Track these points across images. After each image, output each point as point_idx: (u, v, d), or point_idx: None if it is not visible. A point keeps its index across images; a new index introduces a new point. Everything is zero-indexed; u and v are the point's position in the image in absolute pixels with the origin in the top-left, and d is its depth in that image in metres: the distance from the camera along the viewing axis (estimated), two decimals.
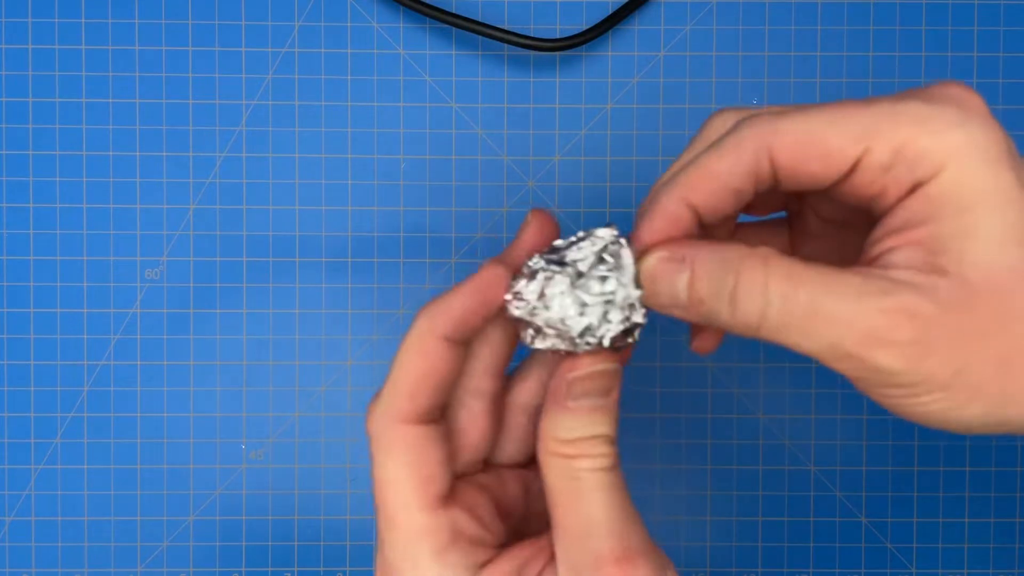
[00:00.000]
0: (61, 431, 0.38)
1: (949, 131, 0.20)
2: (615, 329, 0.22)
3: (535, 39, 0.37)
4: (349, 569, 0.39)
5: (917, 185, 0.20)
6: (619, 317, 0.22)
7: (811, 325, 0.20)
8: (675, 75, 0.38)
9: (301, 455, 0.39)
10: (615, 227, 0.23)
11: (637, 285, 0.22)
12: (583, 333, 0.22)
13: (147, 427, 0.38)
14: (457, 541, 0.23)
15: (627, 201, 0.38)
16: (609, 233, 0.23)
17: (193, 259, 0.38)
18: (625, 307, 0.22)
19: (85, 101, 0.38)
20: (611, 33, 0.38)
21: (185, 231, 0.38)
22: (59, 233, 0.38)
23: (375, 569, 0.24)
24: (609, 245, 0.23)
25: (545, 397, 0.23)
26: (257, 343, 0.38)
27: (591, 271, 0.22)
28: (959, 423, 0.21)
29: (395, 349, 0.24)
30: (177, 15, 0.38)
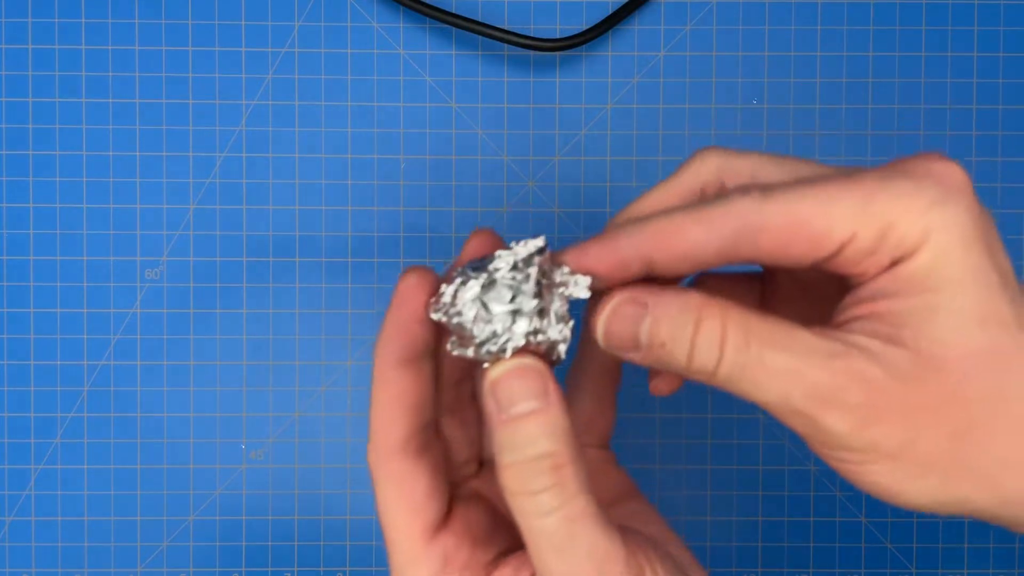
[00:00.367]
0: (61, 431, 0.38)
1: (929, 211, 0.20)
2: (518, 340, 0.22)
3: (535, 39, 0.37)
4: (349, 569, 0.39)
5: (895, 263, 0.20)
6: (525, 328, 0.22)
7: (762, 377, 0.20)
8: (675, 75, 0.38)
9: (301, 455, 0.39)
10: (543, 239, 0.23)
11: (537, 294, 0.22)
12: (486, 341, 0.22)
13: (147, 427, 0.38)
14: (448, 566, 0.23)
15: (627, 201, 0.38)
16: (534, 244, 0.22)
17: (193, 259, 0.38)
18: (533, 318, 0.22)
19: (85, 101, 0.38)
20: (611, 33, 0.38)
21: (185, 231, 0.38)
22: (59, 233, 0.38)
23: None
24: (533, 256, 0.22)
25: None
26: (257, 343, 0.38)
27: (503, 279, 0.22)
28: (909, 497, 0.21)
29: None
30: (177, 15, 0.38)
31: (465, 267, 0.22)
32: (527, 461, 0.21)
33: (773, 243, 0.21)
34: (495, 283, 0.22)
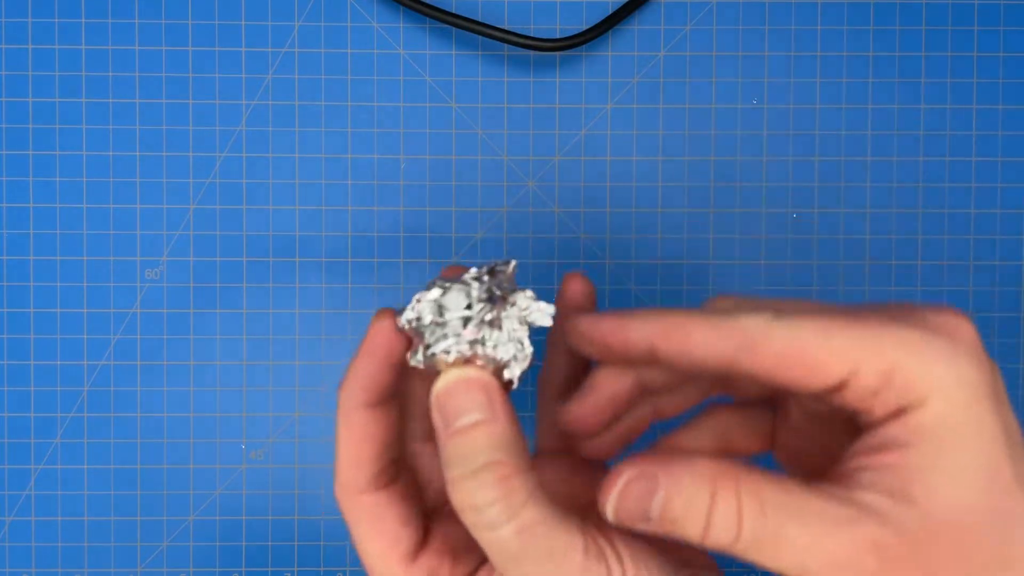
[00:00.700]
0: (61, 431, 0.38)
1: (937, 364, 0.20)
2: (463, 345, 0.22)
3: (535, 39, 0.37)
4: (349, 569, 0.39)
5: (902, 410, 0.21)
6: (473, 335, 0.22)
7: (780, 549, 0.20)
8: (675, 75, 0.38)
9: (301, 455, 0.39)
10: (514, 262, 0.23)
11: (489, 300, 0.22)
12: (433, 343, 0.22)
13: (147, 427, 0.38)
14: None
15: (627, 201, 0.38)
16: (503, 264, 0.23)
17: (193, 259, 0.38)
18: (483, 326, 0.22)
19: (85, 101, 0.38)
20: (611, 33, 0.38)
21: (185, 231, 0.38)
22: (59, 233, 0.38)
23: None
24: (495, 268, 0.23)
25: None
26: (257, 343, 0.38)
27: (461, 287, 0.22)
28: None
29: None
30: (177, 15, 0.38)
31: (440, 278, 0.23)
32: (473, 473, 0.21)
33: (773, 363, 0.21)
34: (453, 289, 0.22)
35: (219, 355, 0.38)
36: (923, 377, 0.20)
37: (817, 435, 0.25)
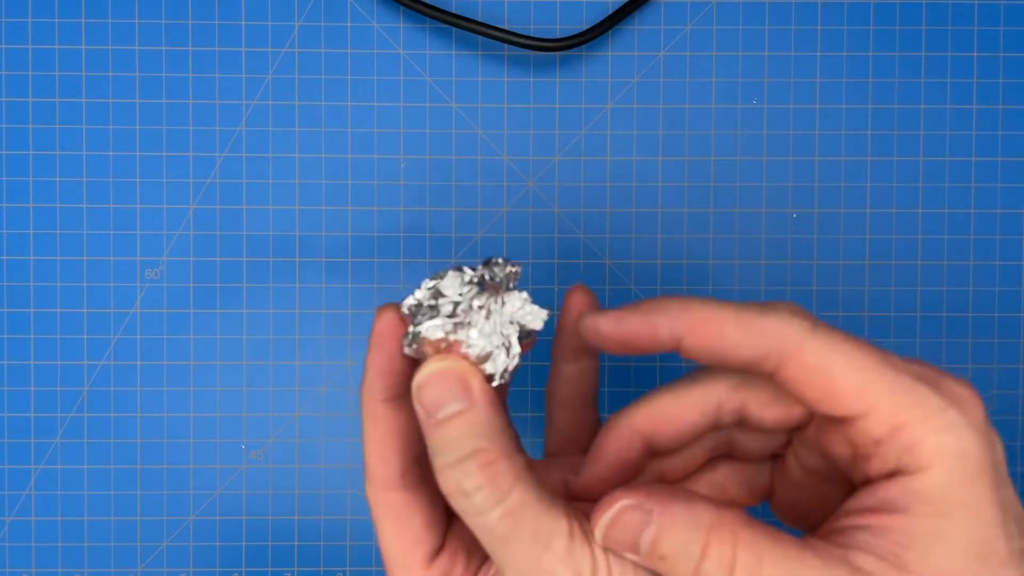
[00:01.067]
0: (61, 431, 0.38)
1: (947, 433, 0.21)
2: (439, 332, 0.22)
3: (535, 39, 0.37)
4: (349, 569, 0.39)
5: (899, 471, 0.21)
6: (456, 320, 0.22)
7: None
8: (675, 75, 0.38)
9: (301, 455, 0.39)
10: (514, 265, 0.23)
11: (478, 284, 0.23)
12: (417, 324, 0.23)
13: (147, 427, 0.38)
14: None
15: (627, 201, 0.38)
16: (508, 264, 0.23)
17: (193, 259, 0.38)
18: (468, 313, 0.22)
19: (85, 101, 0.38)
20: (611, 33, 0.38)
21: (185, 231, 0.38)
22: (59, 233, 0.38)
23: None
24: (491, 262, 0.23)
25: None
26: (257, 343, 0.38)
27: (457, 273, 0.23)
28: None
29: None
30: (177, 15, 0.38)
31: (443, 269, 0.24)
32: (458, 461, 0.21)
33: (795, 375, 0.21)
34: (448, 275, 0.23)
35: (219, 355, 0.38)
36: (930, 443, 0.21)
37: (815, 490, 0.25)
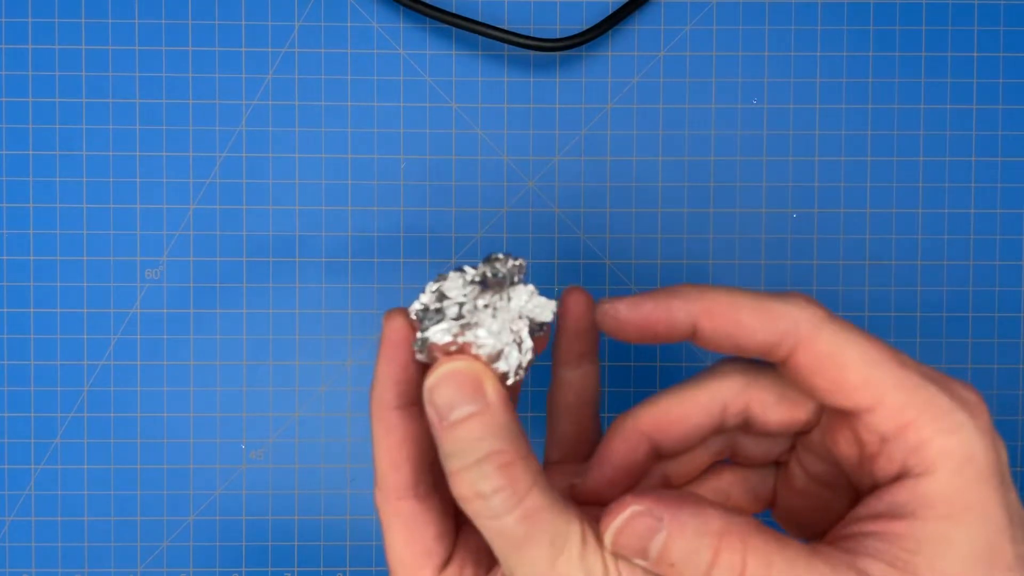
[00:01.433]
0: (61, 431, 0.38)
1: (952, 434, 0.21)
2: (447, 336, 0.22)
3: (535, 39, 0.37)
4: (349, 569, 0.39)
5: (905, 472, 0.21)
6: (463, 321, 0.22)
7: None
8: (675, 75, 0.38)
9: (301, 455, 0.39)
10: (520, 260, 0.23)
11: (481, 282, 0.22)
12: (425, 329, 0.22)
13: (147, 427, 0.38)
14: None
15: (627, 201, 0.38)
16: (510, 259, 0.23)
17: (193, 259, 0.38)
18: (474, 312, 0.22)
19: (85, 101, 0.38)
20: (611, 33, 0.38)
21: (185, 231, 0.38)
22: (59, 233, 0.38)
23: None
24: (491, 259, 0.23)
25: None
26: (257, 343, 0.38)
27: (459, 273, 0.23)
28: None
29: None
30: (177, 15, 0.38)
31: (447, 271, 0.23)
32: (476, 463, 0.21)
33: (807, 362, 0.22)
34: (451, 276, 0.23)
35: (219, 355, 0.38)
36: (936, 444, 0.21)
37: (818, 498, 0.25)
